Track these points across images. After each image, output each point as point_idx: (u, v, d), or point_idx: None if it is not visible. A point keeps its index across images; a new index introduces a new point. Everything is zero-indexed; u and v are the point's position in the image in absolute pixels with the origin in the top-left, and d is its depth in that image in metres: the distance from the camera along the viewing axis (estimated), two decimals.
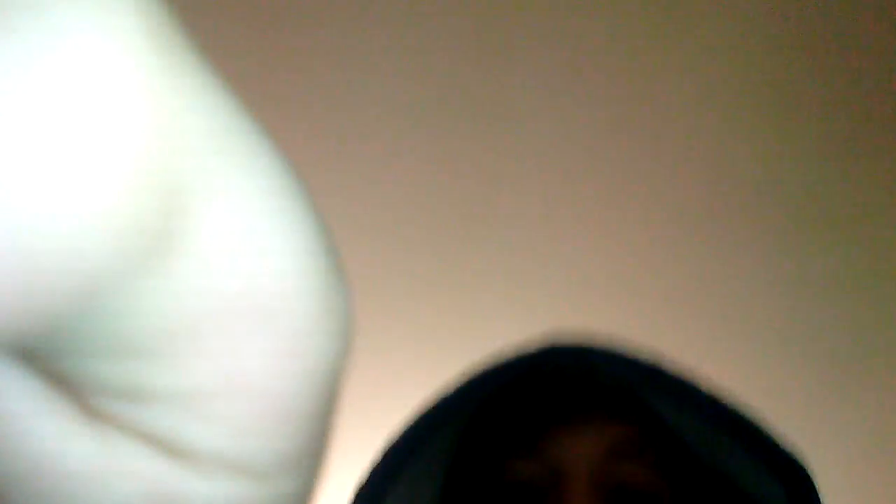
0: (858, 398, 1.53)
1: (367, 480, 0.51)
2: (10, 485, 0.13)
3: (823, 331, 1.49)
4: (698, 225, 1.41)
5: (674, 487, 0.51)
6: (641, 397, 0.51)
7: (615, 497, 0.49)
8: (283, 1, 1.28)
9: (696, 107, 1.36)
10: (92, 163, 0.09)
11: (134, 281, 0.10)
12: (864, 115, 1.34)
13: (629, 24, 1.28)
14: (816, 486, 0.48)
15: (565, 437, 0.50)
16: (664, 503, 0.50)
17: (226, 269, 0.11)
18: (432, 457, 0.53)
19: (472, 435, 0.54)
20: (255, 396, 0.11)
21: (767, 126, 1.36)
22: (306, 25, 1.29)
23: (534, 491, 0.50)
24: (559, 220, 1.39)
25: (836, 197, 1.38)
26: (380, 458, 0.52)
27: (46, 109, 0.09)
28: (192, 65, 0.10)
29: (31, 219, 0.09)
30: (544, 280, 1.42)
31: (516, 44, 1.25)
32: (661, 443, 0.51)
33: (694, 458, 0.52)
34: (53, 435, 0.12)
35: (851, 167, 1.37)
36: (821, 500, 0.48)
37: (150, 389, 0.11)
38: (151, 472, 0.12)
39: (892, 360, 1.50)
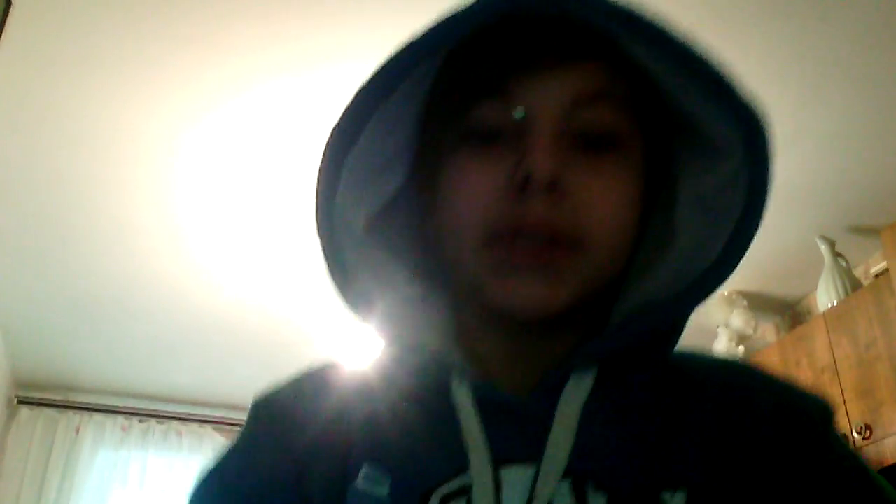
0: None
1: (341, 119, 0.52)
2: None
3: None
4: None
5: (639, 127, 0.53)
6: (613, 40, 0.51)
7: (580, 140, 0.51)
8: None
9: None
10: None
11: None
12: None
13: None
14: (769, 134, 0.51)
15: (534, 80, 0.50)
16: (627, 141, 0.52)
17: None
18: (405, 98, 0.53)
19: (443, 78, 0.54)
20: None
21: None
22: None
23: (498, 134, 0.51)
24: None
25: None
26: (353, 98, 0.52)
27: None
28: None
29: None
30: None
31: None
32: (629, 84, 0.52)
33: (661, 101, 0.53)
34: None
35: None
36: (771, 146, 0.51)
37: None
38: None
39: None
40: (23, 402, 3.85)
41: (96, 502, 3.77)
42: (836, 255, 2.74)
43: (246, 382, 3.94)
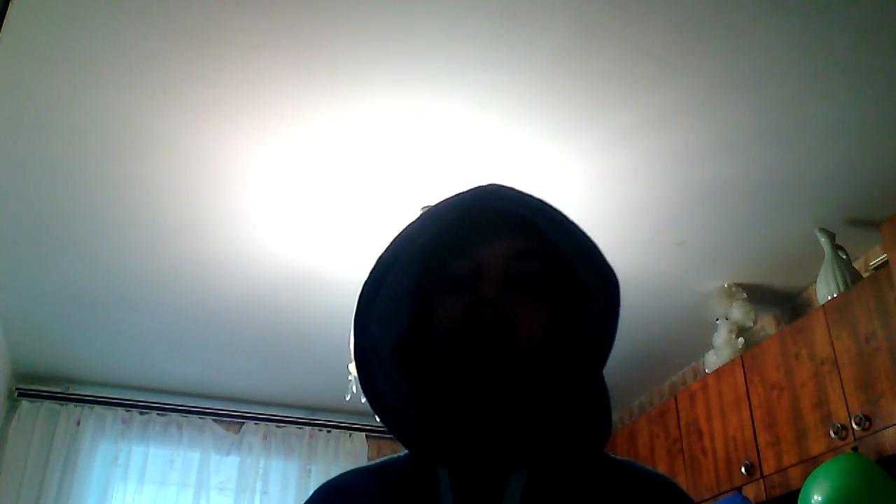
0: None
1: (370, 275, 0.82)
2: None
3: None
4: None
5: (554, 274, 0.84)
6: (535, 222, 0.83)
7: (518, 282, 0.82)
8: None
9: None
10: None
11: None
12: None
13: None
14: (619, 287, 0.83)
15: (486, 246, 0.83)
16: (549, 285, 0.83)
17: None
18: (406, 266, 0.83)
19: (432, 250, 0.84)
20: None
21: None
22: None
23: (464, 279, 0.82)
24: None
25: None
26: (375, 263, 0.82)
27: None
28: None
29: None
30: None
31: None
32: (546, 250, 0.84)
33: (564, 261, 0.84)
34: None
35: None
36: (619, 297, 0.83)
37: None
38: None
39: None
40: (23, 394, 3.85)
41: (97, 494, 3.78)
42: (836, 247, 2.74)
43: (246, 375, 3.97)
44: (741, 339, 3.09)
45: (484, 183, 0.86)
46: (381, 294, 0.81)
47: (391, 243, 0.82)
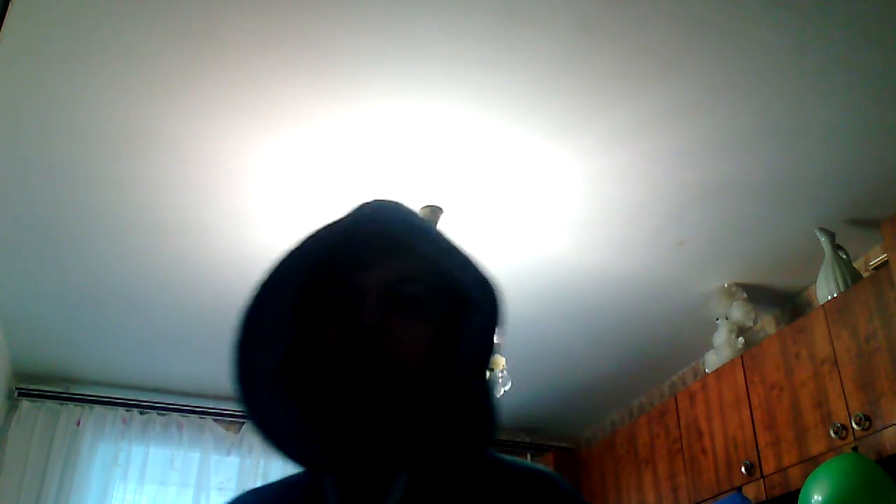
0: None
1: (249, 303, 0.86)
2: None
3: None
4: None
5: (437, 294, 0.87)
6: (412, 242, 0.86)
7: (398, 306, 0.85)
8: None
9: None
10: None
11: None
12: None
13: None
14: (501, 295, 0.84)
15: (365, 272, 0.86)
16: (430, 304, 0.86)
17: None
18: (286, 291, 0.86)
19: (313, 272, 0.87)
20: None
21: None
22: None
23: (345, 306, 0.85)
24: None
25: None
26: (255, 290, 0.86)
27: None
28: None
29: None
30: None
31: None
32: (426, 269, 0.87)
33: (444, 277, 0.87)
34: None
35: None
36: (503, 304, 0.84)
37: None
38: None
39: None
40: (23, 394, 3.85)
41: (97, 494, 3.78)
42: (836, 247, 2.74)
43: None
44: (741, 339, 3.09)
45: (369, 199, 0.91)
46: (262, 318, 0.85)
47: (272, 268, 0.86)
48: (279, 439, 0.85)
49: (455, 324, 0.88)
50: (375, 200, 0.92)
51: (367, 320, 0.82)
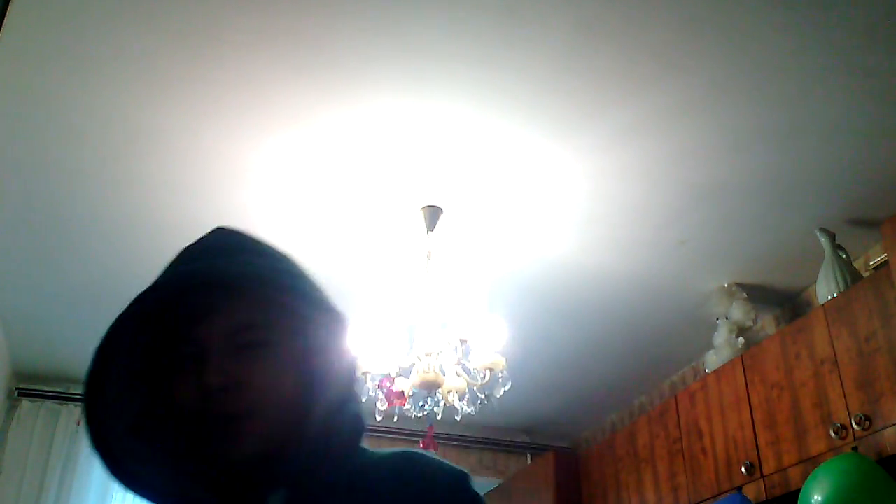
0: None
1: (94, 363, 0.84)
2: None
3: None
4: None
5: (279, 332, 0.85)
6: (248, 287, 0.85)
7: (243, 352, 0.82)
8: None
9: None
10: None
11: None
12: None
13: None
14: (331, 303, 0.85)
15: (204, 326, 0.84)
16: (273, 346, 0.84)
17: None
18: (128, 352, 0.85)
19: (156, 330, 0.86)
20: None
21: None
22: None
23: (191, 362, 0.82)
24: None
25: None
26: (94, 357, 0.84)
27: None
28: None
29: None
30: None
31: None
32: (262, 307, 0.84)
33: (286, 310, 0.85)
34: None
35: None
36: (336, 311, 0.85)
37: None
38: None
39: None
40: (24, 394, 3.85)
41: (97, 494, 3.77)
42: (836, 247, 2.74)
43: None
44: (741, 339, 3.08)
45: (195, 241, 0.95)
46: (108, 381, 0.83)
47: (107, 333, 0.85)
48: (153, 491, 0.83)
49: (308, 349, 0.86)
50: (202, 240, 0.94)
51: (212, 379, 0.80)
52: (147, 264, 3.17)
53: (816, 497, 2.22)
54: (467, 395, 2.48)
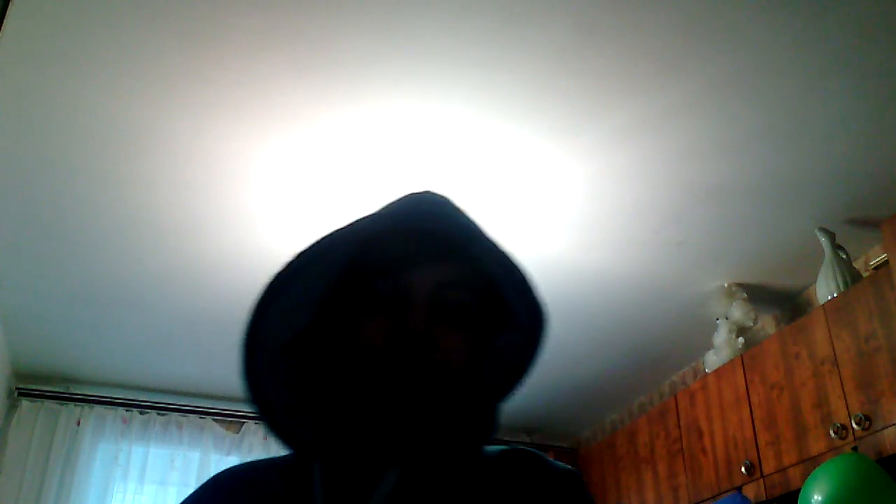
0: None
1: (272, 280, 0.79)
2: None
3: None
4: None
5: (481, 303, 0.83)
6: (467, 248, 0.81)
7: (445, 312, 0.80)
8: None
9: None
10: None
11: None
12: None
13: None
14: (546, 321, 0.81)
15: (414, 270, 0.80)
16: (476, 315, 0.82)
17: None
18: (323, 269, 0.81)
19: (355, 260, 0.82)
20: None
21: None
22: None
23: (390, 303, 0.79)
24: None
25: None
26: (285, 264, 0.79)
27: None
28: None
29: None
30: None
31: None
32: (476, 278, 0.82)
33: (491, 286, 0.83)
34: None
35: None
36: (544, 330, 0.81)
37: None
38: None
39: None
40: (23, 394, 3.85)
41: (97, 494, 3.78)
42: (836, 247, 2.74)
43: None
44: (741, 339, 3.09)
45: (419, 190, 0.88)
46: (289, 290, 0.79)
47: (312, 244, 0.80)
48: (273, 416, 0.81)
49: (493, 335, 0.84)
50: (425, 192, 0.88)
51: (414, 323, 0.77)
52: (147, 264, 3.20)
53: (816, 497, 2.22)
54: None
